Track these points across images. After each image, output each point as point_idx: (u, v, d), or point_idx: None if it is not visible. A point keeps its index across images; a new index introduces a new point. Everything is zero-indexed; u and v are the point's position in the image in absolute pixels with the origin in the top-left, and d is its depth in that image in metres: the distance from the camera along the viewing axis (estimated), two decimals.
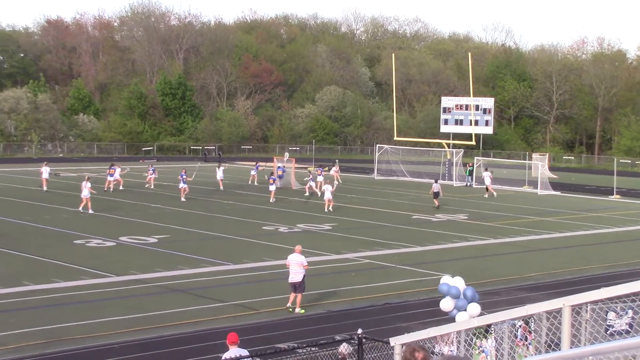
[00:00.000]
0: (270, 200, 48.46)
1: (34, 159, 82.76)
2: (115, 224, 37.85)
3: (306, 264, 22.57)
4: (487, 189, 57.44)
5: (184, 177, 48.80)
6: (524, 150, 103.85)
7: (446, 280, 16.05)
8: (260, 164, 64.81)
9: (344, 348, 13.90)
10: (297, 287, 22.29)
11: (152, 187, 54.46)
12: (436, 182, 50.01)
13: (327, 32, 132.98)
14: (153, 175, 55.54)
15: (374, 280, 26.68)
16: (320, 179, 55.38)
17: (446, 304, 15.86)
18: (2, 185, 54.19)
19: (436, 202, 48.12)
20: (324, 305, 23.11)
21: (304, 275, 22.35)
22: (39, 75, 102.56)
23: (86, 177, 43.86)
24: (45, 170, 52.19)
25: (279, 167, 59.20)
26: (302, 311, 22.35)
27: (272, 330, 20.20)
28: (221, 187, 54.76)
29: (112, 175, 52.47)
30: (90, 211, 40.72)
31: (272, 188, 49.25)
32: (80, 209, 41.10)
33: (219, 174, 55.48)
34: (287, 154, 67.93)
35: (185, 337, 19.52)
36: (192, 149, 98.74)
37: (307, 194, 52.88)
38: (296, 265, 22.32)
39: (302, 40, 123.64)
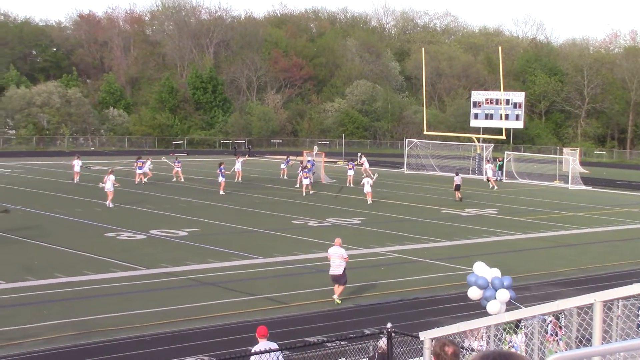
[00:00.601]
0: (304, 194, 48.74)
1: (65, 152, 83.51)
2: (145, 217, 38.10)
3: (347, 256, 22.78)
4: (487, 179, 58.53)
5: (223, 170, 49.02)
6: (554, 144, 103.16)
7: (478, 269, 16.07)
8: (291, 158, 64.88)
9: (383, 343, 13.94)
10: (338, 280, 22.47)
11: (182, 179, 54.70)
12: (457, 175, 50.42)
13: (356, 26, 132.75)
14: (179, 168, 55.64)
15: (403, 274, 26.67)
16: (350, 173, 55.38)
17: (474, 293, 15.89)
18: (35, 178, 54.73)
19: (458, 195, 48.48)
20: (353, 299, 23.13)
21: (345, 268, 22.50)
22: (71, 70, 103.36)
23: (109, 171, 44.09)
24: (77, 163, 52.93)
25: (308, 160, 59.27)
26: (339, 302, 22.48)
27: (301, 324, 20.25)
28: (239, 179, 55.01)
29: (140, 168, 52.88)
30: (111, 205, 40.87)
31: (307, 182, 49.64)
32: (109, 203, 41.13)
33: (237, 165, 55.75)
34: (316, 148, 67.94)
35: (215, 330, 19.62)
36: (222, 143, 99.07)
37: (298, 185, 53.16)
38: (337, 258, 22.46)
39: (331, 35, 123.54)
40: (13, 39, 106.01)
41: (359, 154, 68.60)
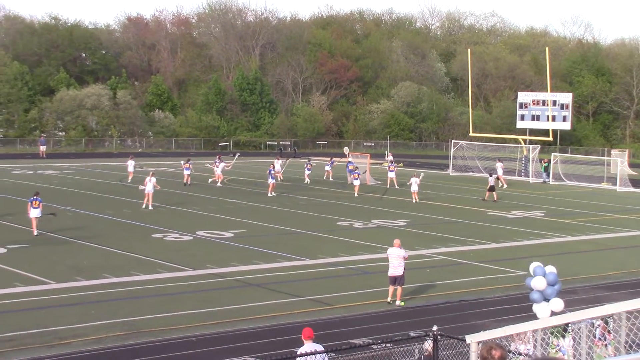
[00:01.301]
0: (356, 195, 48.91)
1: (114, 153, 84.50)
2: (191, 218, 38.41)
3: (407, 255, 22.96)
4: (497, 178, 58.45)
5: (272, 172, 49.45)
6: (602, 146, 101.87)
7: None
8: (335, 159, 65.07)
9: (429, 345, 13.92)
10: (397, 280, 22.54)
11: (223, 181, 55.00)
12: (491, 175, 51.35)
13: (402, 28, 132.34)
14: (218, 168, 55.76)
15: (449, 276, 26.57)
16: (391, 175, 55.28)
17: (539, 283, 15.88)
18: (84, 180, 55.46)
19: (494, 195, 48.98)
20: (388, 301, 23.06)
21: (404, 269, 22.54)
22: (120, 72, 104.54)
23: (150, 173, 44.52)
24: (130, 164, 54.12)
25: (349, 162, 59.58)
26: (402, 304, 22.54)
27: (346, 326, 20.28)
28: (280, 178, 55.50)
29: (187, 169, 53.49)
30: (150, 207, 41.19)
31: (357, 183, 50.00)
32: (147, 206, 41.20)
33: (277, 166, 56.38)
34: (346, 149, 68.55)
35: (261, 331, 19.73)
36: (268, 144, 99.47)
37: (307, 181, 55.66)
38: (396, 259, 22.53)
39: (377, 36, 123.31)
40: (63, 42, 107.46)
41: (387, 153, 68.38)
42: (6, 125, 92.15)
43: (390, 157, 64.95)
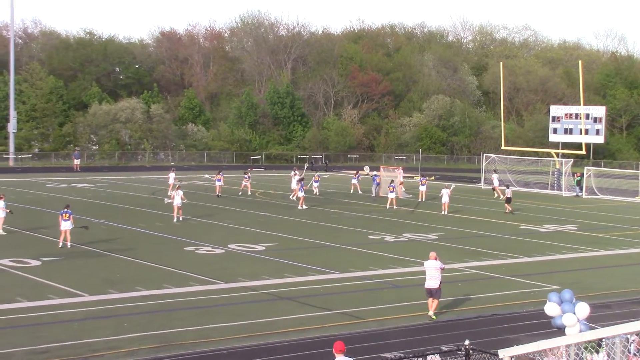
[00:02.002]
0: (387, 208, 49.13)
1: (146, 167, 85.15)
2: (223, 231, 38.55)
3: (443, 267, 23.04)
4: (493, 189, 60.30)
5: (302, 186, 49.92)
6: (636, 159, 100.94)
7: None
8: (361, 172, 65.41)
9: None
10: (433, 293, 22.50)
11: (249, 193, 55.41)
12: (508, 187, 52.01)
13: (433, 41, 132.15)
14: (248, 182, 56.33)
15: (480, 290, 26.43)
16: (422, 188, 55.16)
17: (552, 310, 15.64)
18: (117, 193, 55.91)
19: (509, 208, 49.35)
20: (430, 315, 22.99)
21: (440, 282, 22.58)
22: (152, 86, 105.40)
23: (177, 186, 44.77)
24: (171, 176, 54.78)
25: (375, 175, 59.63)
26: (435, 317, 22.49)
27: (378, 340, 20.23)
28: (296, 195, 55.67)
29: (219, 180, 54.03)
30: (180, 219, 41.38)
31: (392, 195, 49.99)
32: (178, 218, 41.43)
33: (293, 184, 56.14)
34: (367, 168, 68.56)
35: (292, 345, 19.74)
36: (299, 158, 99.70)
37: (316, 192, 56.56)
38: (433, 271, 22.52)
39: (408, 50, 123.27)
40: (97, 57, 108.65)
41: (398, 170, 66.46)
42: (41, 139, 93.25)
43: (368, 170, 64.90)
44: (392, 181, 53.33)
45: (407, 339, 20.53)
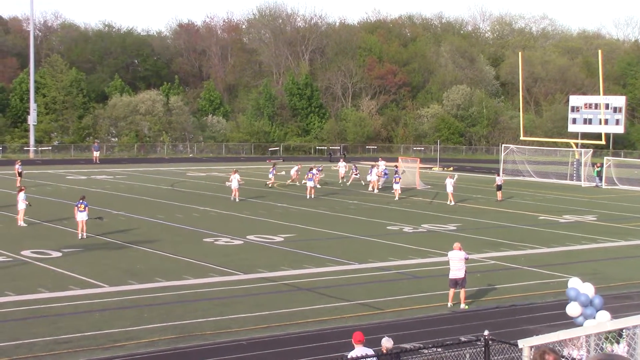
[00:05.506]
0: (395, 198, 48.85)
1: (165, 159, 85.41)
2: (242, 222, 38.64)
3: (468, 257, 23.19)
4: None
5: (314, 175, 50.12)
6: None
7: (575, 284, 15.58)
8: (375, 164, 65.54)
9: (387, 341, 14.29)
10: (458, 283, 22.62)
11: (272, 185, 55.29)
12: (498, 175, 53.09)
13: (449, 31, 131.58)
14: (272, 175, 56.25)
15: (499, 281, 26.38)
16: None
17: (573, 310, 15.44)
18: (137, 185, 56.13)
19: (499, 196, 50.08)
20: (449, 306, 22.98)
21: (465, 271, 22.64)
22: (171, 78, 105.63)
23: (233, 170, 45.21)
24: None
25: (385, 168, 59.19)
26: (467, 307, 22.54)
27: (396, 330, 20.24)
28: (292, 180, 56.61)
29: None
30: (237, 200, 41.55)
31: (397, 187, 49.79)
32: (235, 199, 41.62)
33: (292, 171, 57.45)
34: (381, 162, 68.26)
35: (311, 335, 19.80)
36: (318, 149, 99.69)
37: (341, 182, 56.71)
38: (457, 262, 22.57)
39: (423, 40, 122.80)
40: (116, 49, 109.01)
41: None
42: (61, 131, 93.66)
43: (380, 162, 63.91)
44: (396, 172, 52.91)
45: (426, 329, 20.55)
